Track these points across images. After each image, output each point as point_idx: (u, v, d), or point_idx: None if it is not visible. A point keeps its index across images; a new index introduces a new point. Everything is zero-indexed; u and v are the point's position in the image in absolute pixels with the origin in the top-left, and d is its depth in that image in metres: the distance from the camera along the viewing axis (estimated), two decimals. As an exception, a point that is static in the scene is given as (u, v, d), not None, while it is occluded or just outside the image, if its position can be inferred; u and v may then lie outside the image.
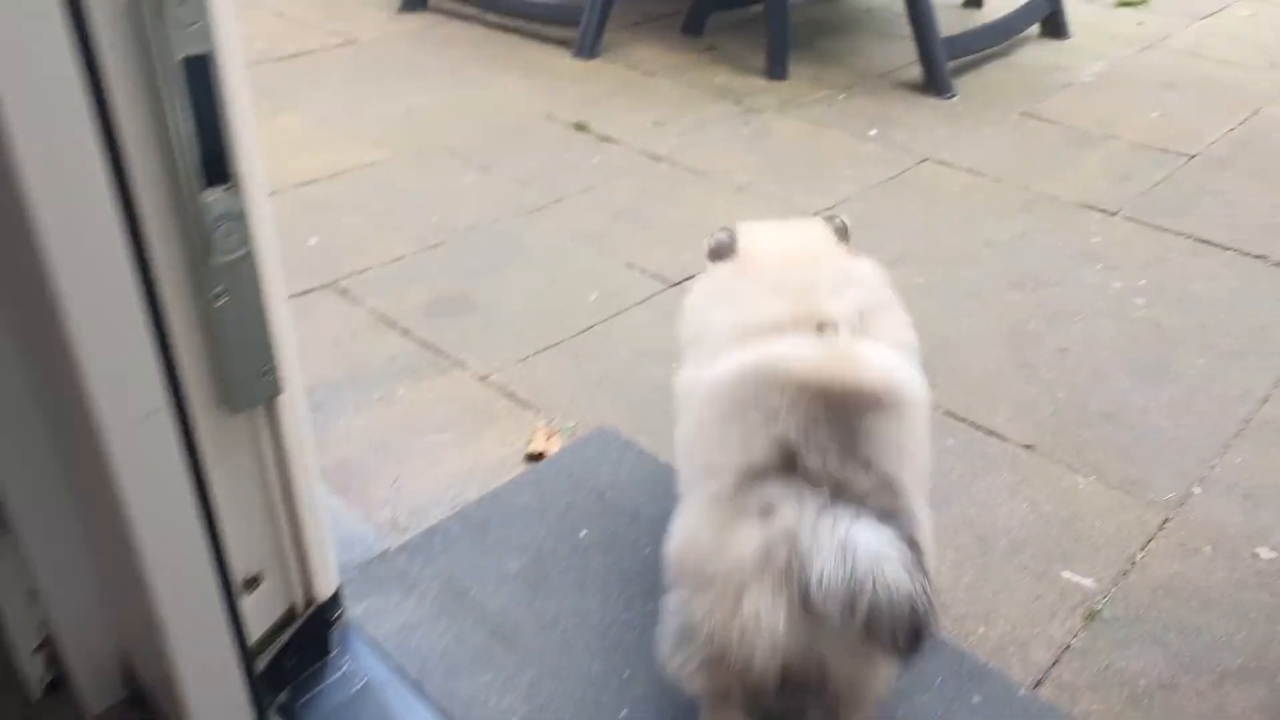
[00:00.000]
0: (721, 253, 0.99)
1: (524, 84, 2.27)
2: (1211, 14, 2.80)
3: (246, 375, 0.65)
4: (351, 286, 1.51)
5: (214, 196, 0.58)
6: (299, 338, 1.38)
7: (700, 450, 0.81)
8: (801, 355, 0.75)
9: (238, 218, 0.60)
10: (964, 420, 1.24)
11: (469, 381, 1.31)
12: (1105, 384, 1.30)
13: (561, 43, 2.51)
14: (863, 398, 0.73)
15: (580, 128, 2.05)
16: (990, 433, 1.22)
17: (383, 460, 1.18)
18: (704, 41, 2.55)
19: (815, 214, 1.71)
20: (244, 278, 0.62)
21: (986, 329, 1.41)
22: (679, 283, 1.52)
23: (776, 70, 2.30)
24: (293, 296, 1.46)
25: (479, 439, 1.22)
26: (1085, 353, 1.36)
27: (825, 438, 0.71)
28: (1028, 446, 1.20)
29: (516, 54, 2.46)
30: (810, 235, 1.00)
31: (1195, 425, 1.23)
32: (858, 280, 0.91)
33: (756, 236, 0.97)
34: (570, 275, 1.54)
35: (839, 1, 2.91)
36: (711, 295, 0.95)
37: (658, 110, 2.14)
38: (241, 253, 0.61)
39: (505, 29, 2.62)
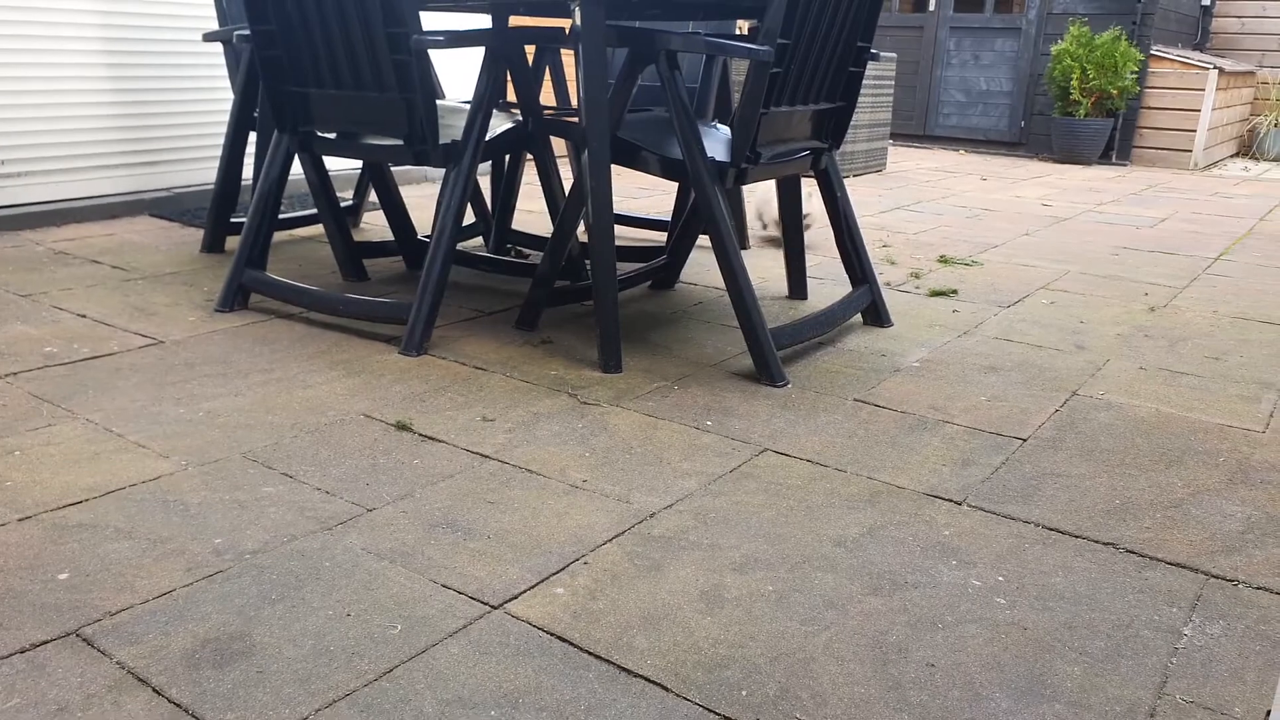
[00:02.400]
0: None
1: (344, 382, 2.13)
2: (1016, 302, 3.02)
3: None
4: (99, 633, 1.23)
5: None
6: (14, 708, 1.09)
7: None
8: None
9: None
10: (833, 765, 1.05)
11: (231, 754, 1.04)
12: (981, 706, 1.15)
13: (390, 339, 2.42)
14: None
15: (402, 427, 1.90)
16: (865, 778, 1.03)
17: None
18: (538, 335, 2.52)
19: (654, 514, 1.58)
20: None
21: (847, 645, 1.26)
22: (501, 604, 1.32)
23: (610, 363, 2.26)
24: (19, 653, 1.18)
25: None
26: (954, 667, 1.22)
27: None
28: (909, 793, 1.01)
29: (339, 351, 2.34)
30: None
31: (1088, 753, 1.08)
32: None
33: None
34: (372, 603, 1.32)
35: (669, 295, 2.98)
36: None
37: (487, 406, 2.03)
38: None
39: (330, 326, 2.52)
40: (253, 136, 3.28)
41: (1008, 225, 4.42)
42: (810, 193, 2.28)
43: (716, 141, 2.44)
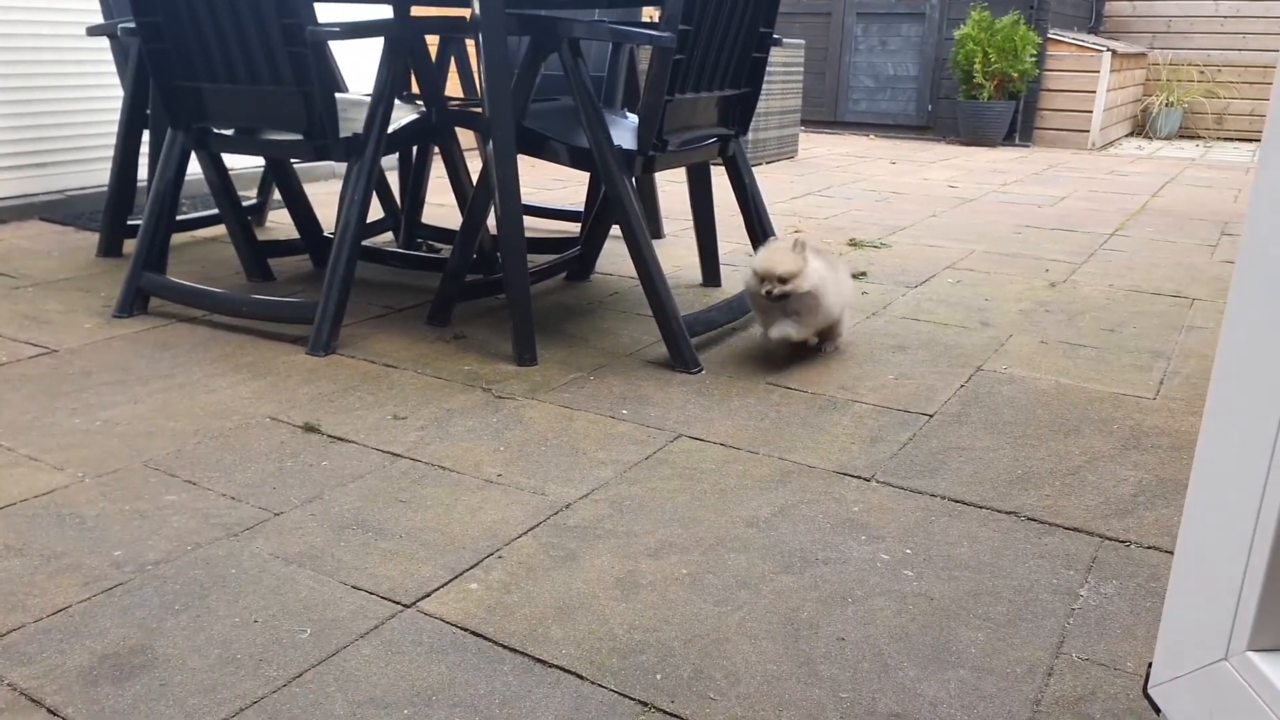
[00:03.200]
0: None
1: (249, 385, 2.07)
2: (923, 282, 3.10)
3: None
4: (-11, 654, 1.18)
5: None
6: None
7: None
8: None
9: None
10: (747, 742, 1.06)
11: (132, 772, 1.00)
12: (890, 675, 1.18)
13: (297, 340, 2.36)
14: None
15: (309, 429, 1.86)
16: (778, 752, 1.05)
17: None
18: (450, 330, 2.49)
19: (569, 505, 1.58)
20: None
21: (760, 623, 1.28)
22: (414, 603, 1.30)
23: (525, 356, 2.24)
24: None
25: None
26: (864, 640, 1.25)
27: None
28: (821, 764, 1.03)
29: (244, 353, 2.27)
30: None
31: (988, 714, 1.11)
32: None
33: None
34: (280, 608, 1.29)
35: (584, 286, 2.98)
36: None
37: (399, 404, 2.00)
38: None
39: (233, 329, 2.45)
40: (146, 135, 3.16)
41: (916, 207, 4.53)
42: (806, 255, 2.17)
43: (625, 130, 2.44)
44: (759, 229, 2.69)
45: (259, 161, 4.14)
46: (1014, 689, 1.16)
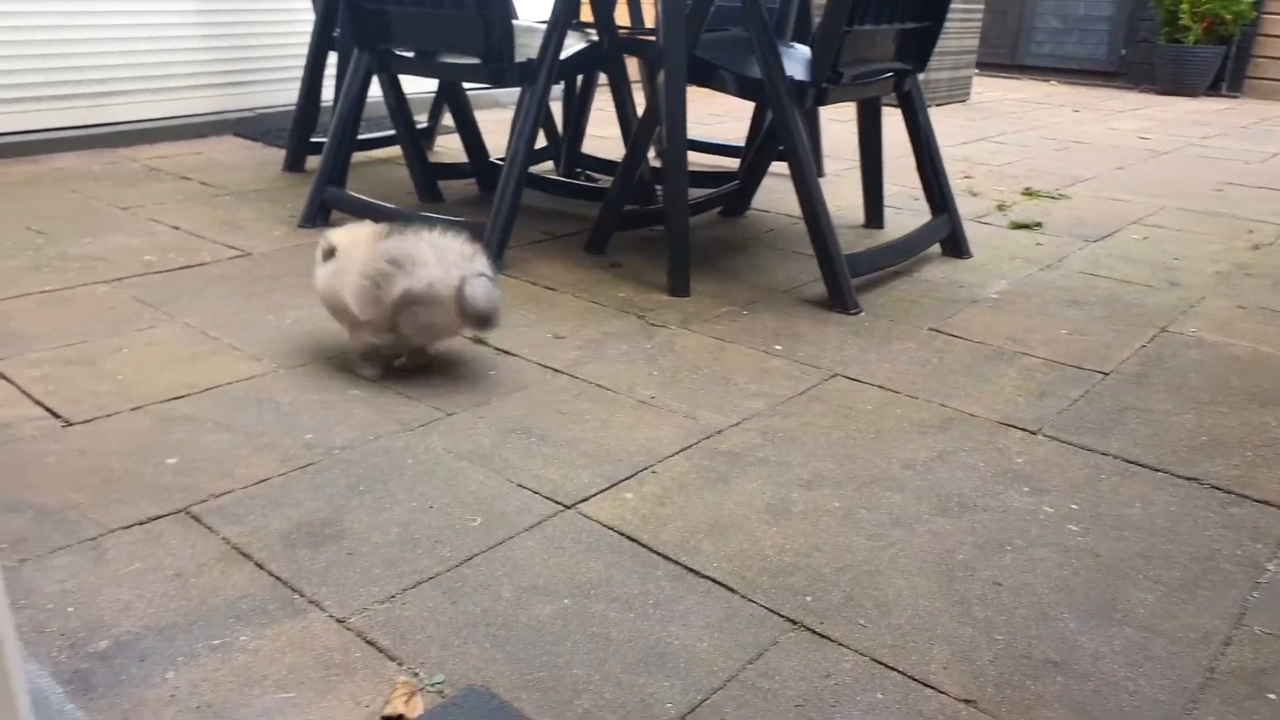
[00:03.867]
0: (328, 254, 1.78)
1: (423, 296, 2.18)
2: (1105, 237, 2.92)
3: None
4: (206, 512, 1.32)
5: None
6: (137, 571, 1.18)
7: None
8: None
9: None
10: (895, 670, 1.07)
11: (325, 625, 1.11)
12: (1049, 625, 1.15)
13: (466, 257, 2.46)
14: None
15: (477, 341, 1.94)
16: (924, 684, 1.05)
17: (201, 734, 0.95)
18: (607, 258, 2.53)
19: (720, 430, 1.60)
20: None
21: (913, 561, 1.27)
22: (574, 505, 1.36)
23: (679, 287, 2.26)
24: (138, 525, 1.27)
25: (328, 698, 1.00)
26: (1022, 587, 1.22)
27: None
28: (968, 701, 1.03)
29: (418, 267, 2.39)
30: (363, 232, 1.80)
31: (1155, 675, 1.08)
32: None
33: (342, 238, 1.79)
34: (453, 498, 1.37)
35: (739, 221, 2.96)
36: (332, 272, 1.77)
37: (558, 324, 2.06)
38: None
39: (409, 243, 2.57)
40: (333, 58, 3.31)
41: (1099, 158, 4.25)
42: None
43: (796, 61, 2.39)
44: (931, 171, 2.60)
45: (430, 87, 4.28)
46: (1186, 654, 1.11)
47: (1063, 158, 4.26)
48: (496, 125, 4.31)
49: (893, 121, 2.71)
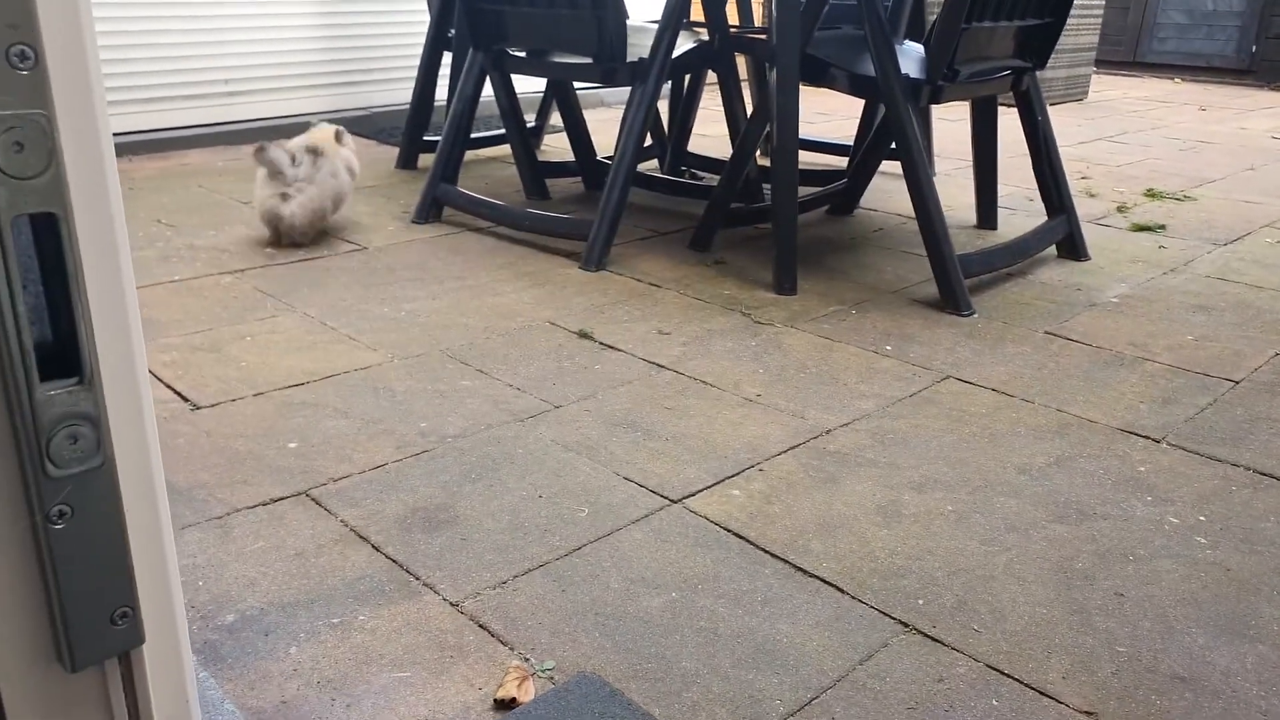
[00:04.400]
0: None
1: (530, 292, 2.23)
2: (1234, 240, 2.78)
3: (90, 621, 0.50)
4: (325, 495, 1.37)
5: (54, 392, 0.46)
6: (261, 549, 1.24)
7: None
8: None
9: (88, 420, 0.47)
10: (1010, 677, 1.04)
11: (439, 608, 1.14)
12: (1175, 638, 1.11)
13: (570, 255, 2.50)
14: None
15: (583, 335, 1.97)
16: (1042, 694, 1.02)
17: (328, 703, 1.00)
18: (711, 256, 2.54)
19: (829, 430, 1.59)
20: (95, 494, 0.48)
21: (1029, 567, 1.24)
22: (680, 500, 1.37)
23: (785, 285, 2.25)
24: (262, 505, 1.33)
25: (442, 679, 1.03)
26: (1146, 599, 1.18)
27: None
28: (1089, 714, 1.00)
29: (525, 264, 2.44)
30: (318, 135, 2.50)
31: (1293, 695, 1.02)
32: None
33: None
34: (562, 488, 1.40)
35: (848, 220, 2.92)
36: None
37: (662, 320, 2.07)
38: (94, 463, 0.48)
39: (515, 241, 2.62)
40: (446, 57, 3.40)
41: (1229, 159, 4.04)
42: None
43: (911, 59, 2.35)
44: (1049, 170, 2.52)
45: (538, 87, 4.36)
46: (1324, 674, 1.05)
47: (1188, 158, 4.07)
48: (601, 124, 4.36)
49: (1004, 120, 2.63)
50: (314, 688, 1.02)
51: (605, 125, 4.34)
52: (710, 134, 4.14)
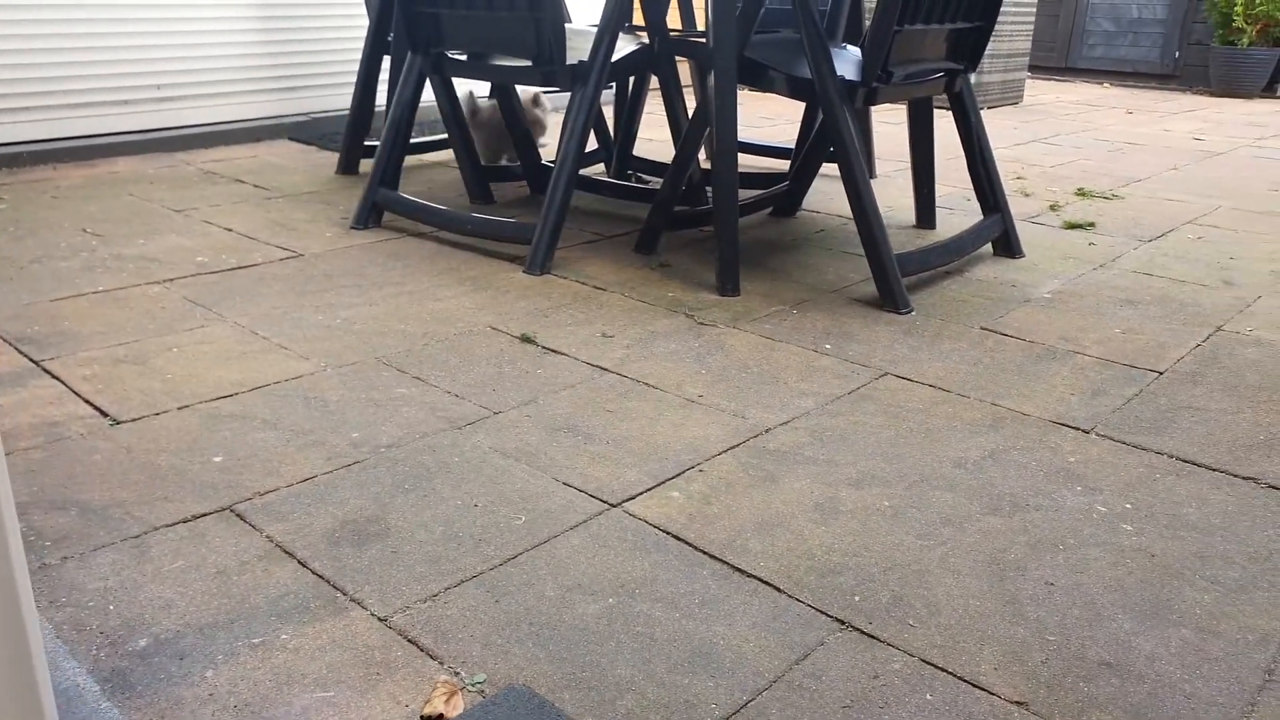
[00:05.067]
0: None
1: (472, 297, 2.20)
2: (1159, 236, 2.85)
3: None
4: (251, 510, 1.34)
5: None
6: (179, 569, 1.20)
7: None
8: None
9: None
10: (944, 671, 1.05)
11: (367, 623, 1.12)
12: (1102, 625, 1.13)
13: (514, 259, 2.48)
14: None
15: (525, 340, 1.96)
16: (975, 686, 1.03)
17: (246, 726, 0.97)
18: (656, 259, 2.54)
19: (769, 429, 1.59)
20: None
21: (964, 560, 1.25)
22: (619, 503, 1.37)
23: (728, 286, 2.26)
24: (182, 522, 1.29)
25: (368, 697, 1.01)
26: (1075, 587, 1.20)
27: None
28: (1019, 703, 1.01)
29: (467, 269, 2.41)
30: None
31: (1212, 677, 1.05)
32: None
33: None
34: (498, 496, 1.38)
35: (790, 222, 2.94)
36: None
37: (606, 323, 2.07)
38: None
39: (458, 246, 2.60)
40: (386, 62, 3.36)
41: (1154, 159, 4.16)
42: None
43: (846, 62, 2.38)
44: (983, 170, 2.56)
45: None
46: (1244, 656, 1.08)
47: (1116, 159, 4.18)
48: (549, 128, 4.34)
49: (944, 124, 2.67)
50: (230, 713, 0.99)
51: (552, 129, 4.32)
52: (656, 138, 4.14)
